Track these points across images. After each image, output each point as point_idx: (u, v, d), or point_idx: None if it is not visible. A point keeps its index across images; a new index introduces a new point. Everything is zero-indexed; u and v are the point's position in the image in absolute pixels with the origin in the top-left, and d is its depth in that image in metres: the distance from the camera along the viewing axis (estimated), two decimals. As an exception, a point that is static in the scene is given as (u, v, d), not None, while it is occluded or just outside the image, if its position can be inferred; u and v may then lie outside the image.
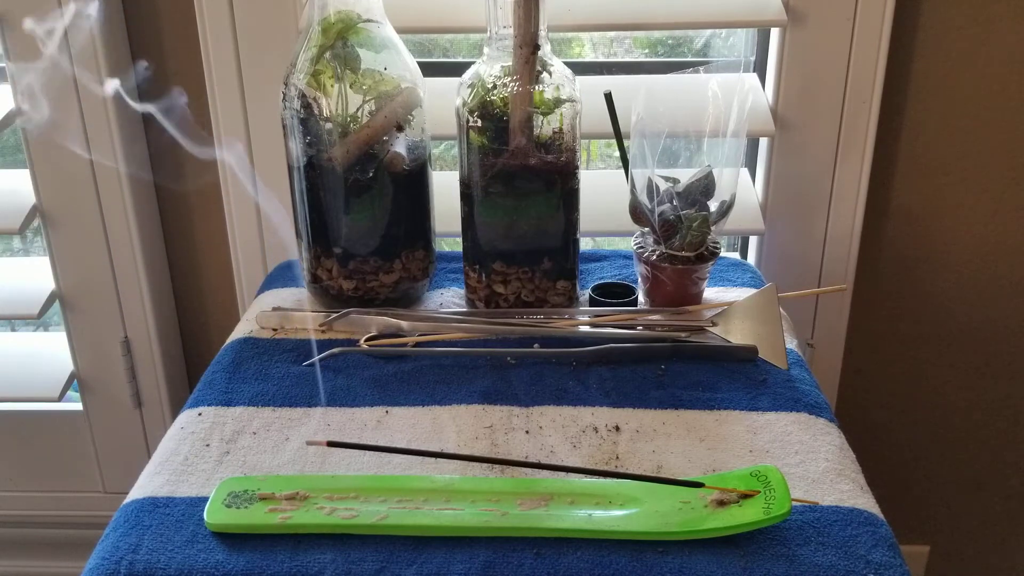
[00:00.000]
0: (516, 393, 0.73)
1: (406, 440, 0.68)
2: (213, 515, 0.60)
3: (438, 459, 0.65)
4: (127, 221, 1.00)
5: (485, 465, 0.65)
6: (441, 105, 0.85)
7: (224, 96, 0.95)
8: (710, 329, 0.79)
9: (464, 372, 0.75)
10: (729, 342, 0.77)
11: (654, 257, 0.81)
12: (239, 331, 0.83)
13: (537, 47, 0.75)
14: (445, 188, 0.87)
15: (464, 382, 0.74)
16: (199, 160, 1.02)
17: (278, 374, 0.76)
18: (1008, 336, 1.08)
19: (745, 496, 0.59)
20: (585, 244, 0.93)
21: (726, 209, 0.81)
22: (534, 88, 0.76)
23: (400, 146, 0.80)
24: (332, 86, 0.77)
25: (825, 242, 1.00)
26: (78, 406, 1.11)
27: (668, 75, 0.96)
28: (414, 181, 0.82)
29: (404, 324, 0.80)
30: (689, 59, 1.06)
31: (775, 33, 0.94)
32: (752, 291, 0.83)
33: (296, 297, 0.87)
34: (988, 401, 1.12)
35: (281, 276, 0.92)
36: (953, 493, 1.18)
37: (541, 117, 0.77)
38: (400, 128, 0.79)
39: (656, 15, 0.91)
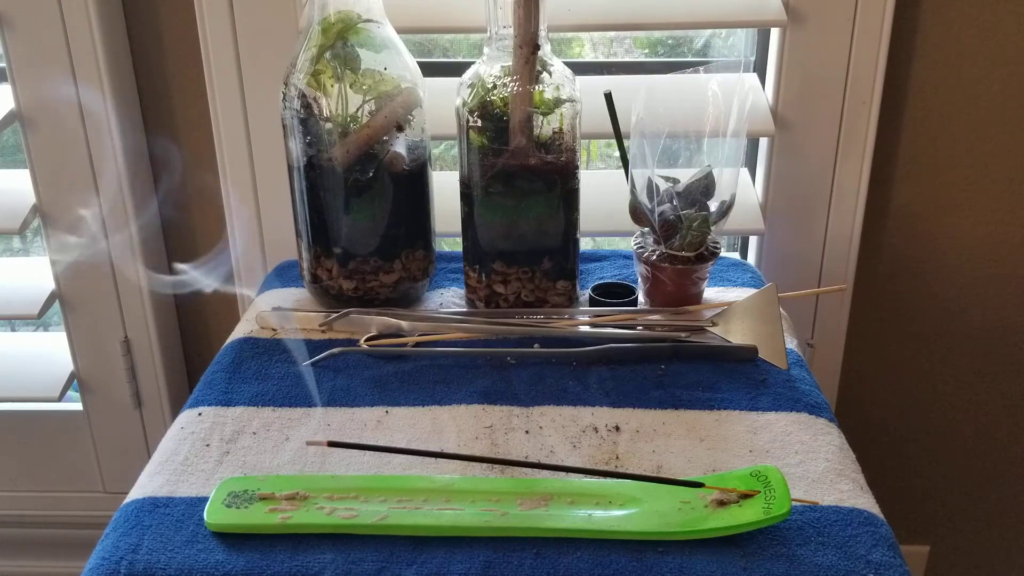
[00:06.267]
0: (516, 393, 0.72)
1: (406, 440, 0.68)
2: (213, 515, 0.60)
3: (438, 459, 0.65)
4: (127, 221, 1.00)
5: (485, 465, 0.65)
6: (441, 105, 0.85)
7: (224, 96, 0.95)
8: (710, 329, 0.79)
9: (464, 372, 0.75)
10: (729, 342, 0.77)
11: (654, 257, 0.81)
12: (239, 331, 0.83)
13: (537, 47, 0.75)
14: (445, 188, 0.86)
15: (464, 382, 0.74)
16: (200, 161, 1.02)
17: (278, 374, 0.76)
18: (1008, 336, 1.08)
19: (745, 496, 0.59)
20: (585, 244, 0.92)
21: (726, 209, 0.81)
22: (534, 88, 0.76)
23: (400, 146, 0.80)
24: (332, 86, 0.77)
25: (825, 242, 1.00)
26: (78, 406, 1.11)
27: (668, 75, 0.95)
28: (414, 181, 0.82)
29: (404, 324, 0.80)
30: (689, 59, 1.06)
31: (775, 33, 0.94)
32: (752, 291, 0.83)
33: (296, 297, 0.87)
34: (988, 401, 1.12)
35: (281, 276, 0.92)
36: (953, 493, 1.18)
37: (541, 117, 0.77)
38: (400, 128, 0.79)
39: (656, 15, 0.91)
